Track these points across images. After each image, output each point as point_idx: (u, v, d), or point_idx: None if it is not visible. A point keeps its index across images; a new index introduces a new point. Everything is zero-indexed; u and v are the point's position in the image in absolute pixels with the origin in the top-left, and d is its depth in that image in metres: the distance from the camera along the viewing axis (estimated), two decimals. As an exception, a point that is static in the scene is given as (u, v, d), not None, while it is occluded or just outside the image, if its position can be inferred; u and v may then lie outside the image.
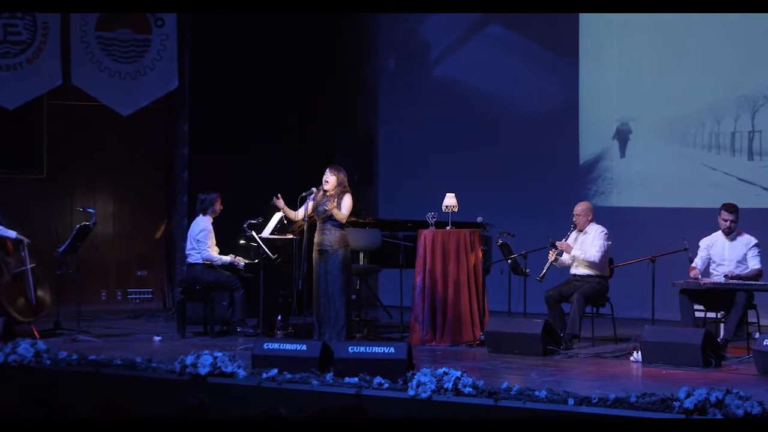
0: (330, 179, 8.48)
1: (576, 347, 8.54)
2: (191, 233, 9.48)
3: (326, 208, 8.34)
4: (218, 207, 9.49)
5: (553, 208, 10.67)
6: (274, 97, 11.78)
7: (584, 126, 11.34)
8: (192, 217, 9.82)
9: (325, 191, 8.46)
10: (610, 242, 8.84)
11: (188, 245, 9.50)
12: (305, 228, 8.42)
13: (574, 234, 8.93)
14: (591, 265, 8.80)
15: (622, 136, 11.15)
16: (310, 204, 8.49)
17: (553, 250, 8.82)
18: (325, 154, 11.60)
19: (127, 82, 11.20)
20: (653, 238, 9.84)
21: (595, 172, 11.33)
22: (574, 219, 8.90)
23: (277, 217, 9.42)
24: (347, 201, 8.45)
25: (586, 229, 8.88)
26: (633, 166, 11.09)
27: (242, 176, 11.43)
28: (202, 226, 9.41)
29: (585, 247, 8.83)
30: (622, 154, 11.16)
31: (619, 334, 8.88)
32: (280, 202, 8.57)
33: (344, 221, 8.46)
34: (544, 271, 8.75)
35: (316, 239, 8.50)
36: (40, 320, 9.41)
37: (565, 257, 8.89)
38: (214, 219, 9.47)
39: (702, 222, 9.05)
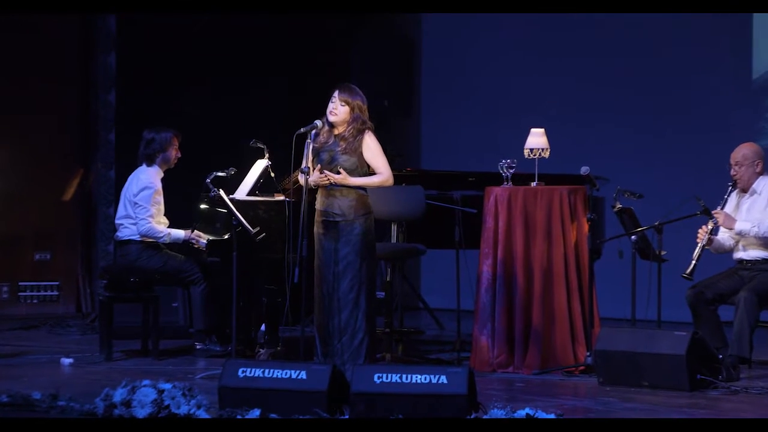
0: (339, 110, 8.31)
1: (744, 377, 8.56)
2: (127, 192, 9.52)
3: (331, 178, 8.14)
4: (173, 153, 9.55)
5: (707, 150, 10.67)
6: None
7: (761, 21, 11.33)
8: (124, 167, 9.90)
9: (332, 126, 8.41)
10: (797, 206, 8.86)
11: (120, 210, 9.55)
12: (304, 185, 8.38)
13: (734, 196, 8.94)
14: (768, 244, 8.83)
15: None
16: (310, 149, 8.34)
17: (705, 226, 8.75)
18: (337, 70, 11.57)
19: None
20: None
21: (776, 94, 11.41)
22: (732, 172, 8.89)
23: (260, 166, 9.45)
24: (372, 146, 8.31)
25: (755, 186, 8.90)
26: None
27: (202, 104, 11.50)
28: (146, 181, 9.44)
29: (755, 215, 8.81)
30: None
31: (817, 357, 8.98)
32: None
33: (390, 181, 8.30)
34: (694, 261, 8.71)
35: (319, 204, 8.42)
36: None
37: (724, 236, 8.87)
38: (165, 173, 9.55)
39: None
